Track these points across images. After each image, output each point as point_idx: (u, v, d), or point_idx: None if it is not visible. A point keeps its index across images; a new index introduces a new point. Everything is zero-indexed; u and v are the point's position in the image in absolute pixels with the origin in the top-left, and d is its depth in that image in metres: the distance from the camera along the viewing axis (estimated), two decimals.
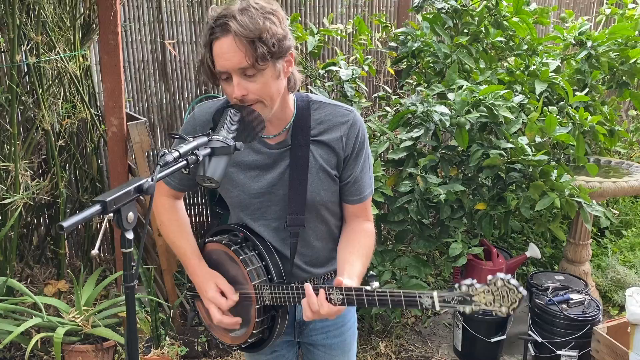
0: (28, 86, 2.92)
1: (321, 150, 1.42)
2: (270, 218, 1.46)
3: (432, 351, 3.08)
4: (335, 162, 1.43)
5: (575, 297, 2.76)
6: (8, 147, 2.82)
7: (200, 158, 1.12)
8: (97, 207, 0.88)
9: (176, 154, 1.07)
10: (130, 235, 0.94)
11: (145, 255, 3.07)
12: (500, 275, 1.09)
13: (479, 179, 2.84)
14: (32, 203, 2.95)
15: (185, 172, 1.10)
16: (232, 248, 1.44)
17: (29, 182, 2.84)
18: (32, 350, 2.55)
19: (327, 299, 1.27)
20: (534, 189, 2.59)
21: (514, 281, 1.08)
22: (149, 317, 2.77)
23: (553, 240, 3.87)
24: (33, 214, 3.19)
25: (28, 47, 2.72)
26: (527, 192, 2.64)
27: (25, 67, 2.86)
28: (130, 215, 0.94)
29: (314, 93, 3.03)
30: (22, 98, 2.87)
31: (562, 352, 2.69)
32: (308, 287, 1.29)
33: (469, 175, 2.86)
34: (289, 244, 1.46)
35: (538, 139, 2.67)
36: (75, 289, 2.70)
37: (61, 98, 2.97)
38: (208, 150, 1.16)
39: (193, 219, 3.85)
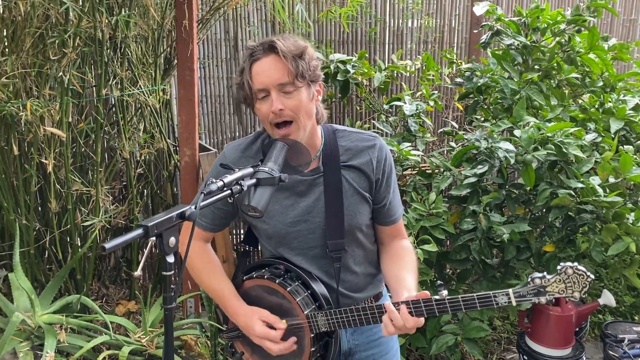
0: (112, 118, 3.17)
1: (353, 174, 1.48)
2: (308, 247, 1.49)
3: None
4: (367, 185, 1.49)
5: None
6: (91, 174, 3.04)
7: (245, 188, 1.17)
8: (140, 231, 0.94)
9: (220, 183, 1.12)
10: (171, 259, 0.99)
11: None
12: (569, 263, 1.18)
13: (548, 219, 2.72)
14: (109, 226, 3.15)
15: (230, 200, 1.16)
16: (277, 281, 1.47)
17: (109, 206, 3.04)
18: None
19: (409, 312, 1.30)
20: (607, 232, 2.44)
21: (582, 267, 1.17)
22: (209, 342, 2.84)
23: (634, 288, 3.60)
24: (111, 236, 3.41)
25: (114, 82, 2.96)
26: (599, 235, 2.50)
27: (112, 100, 3.11)
28: (172, 240, 0.99)
29: (378, 128, 3.08)
30: (106, 129, 3.11)
31: None
32: (389, 305, 1.33)
33: (537, 214, 2.75)
34: (331, 271, 1.49)
35: (612, 179, 2.53)
36: (143, 310, 2.83)
37: (142, 129, 3.19)
38: (253, 181, 1.22)
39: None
